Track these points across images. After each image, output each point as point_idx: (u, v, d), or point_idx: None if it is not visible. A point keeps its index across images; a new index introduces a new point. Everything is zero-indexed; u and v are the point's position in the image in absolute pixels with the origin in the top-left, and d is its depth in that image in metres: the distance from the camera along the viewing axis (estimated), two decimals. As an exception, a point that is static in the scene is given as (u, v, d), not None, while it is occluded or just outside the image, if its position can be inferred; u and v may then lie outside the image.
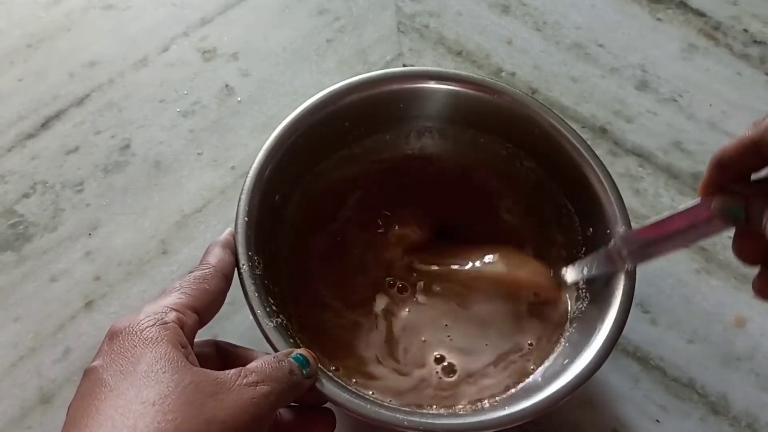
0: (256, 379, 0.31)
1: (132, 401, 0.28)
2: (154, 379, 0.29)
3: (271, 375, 0.31)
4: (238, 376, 0.30)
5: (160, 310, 0.32)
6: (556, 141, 0.44)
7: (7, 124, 0.53)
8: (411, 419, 0.35)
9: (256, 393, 0.30)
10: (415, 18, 0.61)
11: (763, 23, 0.62)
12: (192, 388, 0.29)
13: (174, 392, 0.28)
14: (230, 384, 0.30)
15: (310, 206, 0.46)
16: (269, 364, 0.32)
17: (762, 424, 0.44)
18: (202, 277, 0.35)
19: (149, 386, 0.28)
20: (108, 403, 0.28)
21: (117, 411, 0.27)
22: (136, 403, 0.28)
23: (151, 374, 0.29)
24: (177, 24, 0.59)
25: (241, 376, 0.31)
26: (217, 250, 0.37)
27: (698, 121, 0.57)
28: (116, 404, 0.28)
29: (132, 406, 0.28)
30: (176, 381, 0.29)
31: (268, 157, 0.42)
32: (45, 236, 0.49)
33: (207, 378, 0.30)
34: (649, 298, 0.48)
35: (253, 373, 0.31)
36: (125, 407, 0.28)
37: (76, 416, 0.28)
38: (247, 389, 0.30)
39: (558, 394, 0.36)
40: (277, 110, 0.55)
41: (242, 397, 0.30)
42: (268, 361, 0.32)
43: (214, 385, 0.29)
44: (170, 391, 0.28)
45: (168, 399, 0.28)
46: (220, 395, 0.29)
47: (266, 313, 0.37)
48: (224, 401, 0.29)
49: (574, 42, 0.60)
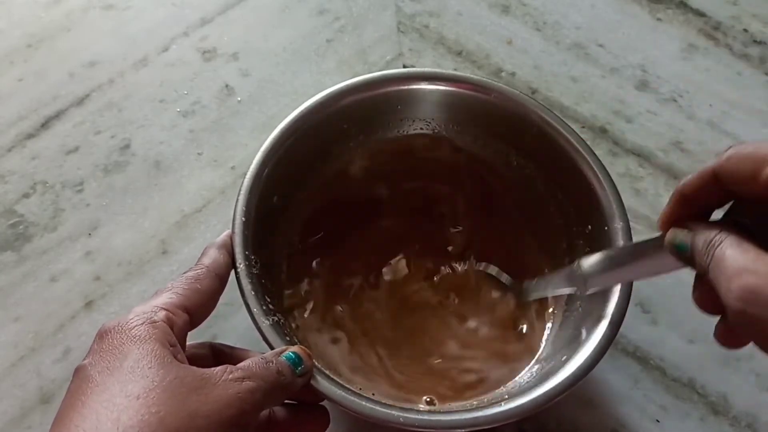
0: (241, 375, 0.31)
1: (116, 395, 0.28)
2: (140, 374, 0.29)
3: (257, 372, 0.31)
4: (224, 371, 0.31)
5: (150, 309, 0.32)
6: (554, 139, 0.44)
7: (7, 124, 0.53)
8: (407, 416, 0.35)
9: (241, 388, 0.30)
10: (415, 18, 0.61)
11: (763, 23, 0.62)
12: (177, 383, 0.29)
13: (159, 386, 0.28)
14: (215, 379, 0.30)
15: (309, 207, 0.46)
16: (256, 363, 0.32)
17: (762, 424, 0.44)
18: (194, 278, 0.35)
19: (134, 381, 0.28)
20: (93, 398, 0.28)
21: (102, 405, 0.28)
22: (120, 397, 0.28)
23: (137, 369, 0.29)
24: (177, 24, 0.59)
25: (227, 372, 0.31)
26: (213, 251, 0.37)
27: (698, 121, 0.57)
28: (101, 398, 0.28)
29: (116, 399, 0.28)
30: (161, 376, 0.29)
31: (266, 158, 0.42)
32: (45, 236, 0.49)
33: (192, 373, 0.30)
34: (649, 298, 0.48)
35: (239, 369, 0.31)
36: (109, 401, 0.28)
37: (63, 412, 0.29)
38: (233, 384, 0.30)
39: (554, 391, 0.36)
40: (277, 110, 0.55)
41: (227, 392, 0.30)
42: (255, 360, 0.32)
43: (199, 380, 0.30)
44: (155, 385, 0.28)
45: (152, 393, 0.28)
46: (205, 390, 0.29)
47: (263, 311, 0.37)
48: (209, 396, 0.29)
49: (574, 42, 0.60)
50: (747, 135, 0.56)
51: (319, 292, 0.45)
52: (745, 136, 0.56)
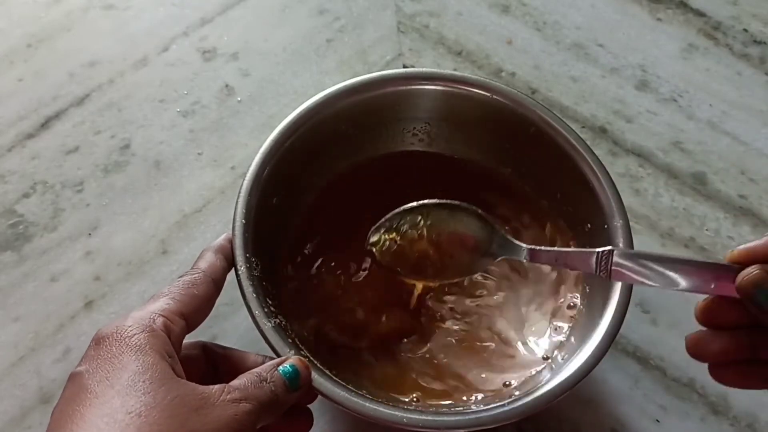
0: (239, 396, 0.31)
1: (117, 411, 0.28)
2: (141, 390, 0.29)
3: (253, 394, 0.32)
4: (222, 391, 0.31)
5: (148, 316, 0.32)
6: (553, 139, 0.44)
7: (7, 124, 0.53)
8: (410, 416, 0.35)
9: (239, 410, 0.30)
10: (415, 18, 0.61)
11: (763, 23, 0.62)
12: (177, 402, 0.29)
13: (159, 405, 0.29)
14: (214, 399, 0.30)
15: (309, 208, 0.46)
16: (252, 383, 0.32)
17: (762, 424, 0.44)
18: (191, 282, 0.35)
19: (135, 397, 0.28)
20: (93, 411, 0.28)
21: (102, 420, 0.28)
22: (121, 413, 0.28)
23: (138, 384, 0.29)
24: (177, 24, 0.59)
25: (225, 392, 0.31)
26: (209, 255, 0.37)
27: (698, 121, 0.57)
28: (101, 412, 0.28)
29: (117, 416, 0.28)
30: (162, 393, 0.29)
31: (265, 159, 0.42)
32: (45, 236, 0.49)
33: (192, 392, 0.30)
34: (649, 298, 0.48)
35: (237, 390, 0.31)
36: (110, 416, 0.28)
37: (60, 421, 0.28)
38: (231, 406, 0.30)
39: (554, 391, 0.36)
40: (277, 110, 0.55)
41: (225, 413, 0.30)
42: (252, 378, 0.32)
43: (199, 399, 0.30)
44: (156, 403, 0.28)
45: (153, 411, 0.28)
46: (204, 410, 0.29)
47: (264, 313, 0.37)
48: (208, 416, 0.29)
49: (574, 42, 0.60)
50: (747, 135, 0.56)
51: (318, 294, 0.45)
52: (745, 136, 0.56)
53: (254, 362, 0.36)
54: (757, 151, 0.55)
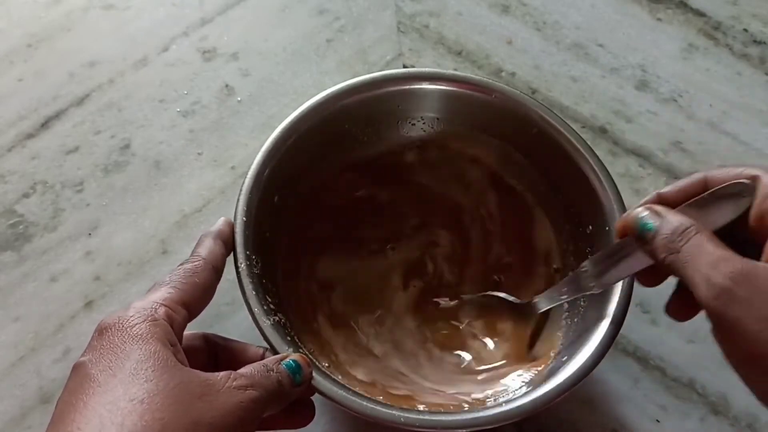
0: (245, 383, 0.31)
1: (120, 398, 0.28)
2: (143, 377, 0.29)
3: (260, 381, 0.31)
4: (228, 378, 0.30)
5: (150, 306, 0.32)
6: (554, 139, 0.44)
7: (7, 124, 0.53)
8: (408, 416, 0.35)
9: (244, 397, 0.30)
10: (415, 18, 0.61)
11: (763, 23, 0.62)
12: (181, 388, 0.29)
13: (162, 391, 0.28)
14: (219, 386, 0.30)
15: (309, 207, 0.46)
16: (258, 371, 0.32)
17: (762, 424, 0.44)
18: (192, 270, 0.35)
19: (138, 384, 0.28)
20: (96, 399, 0.28)
21: (105, 407, 0.28)
22: (124, 401, 0.28)
23: (141, 372, 0.29)
24: (177, 24, 0.59)
25: (231, 378, 0.31)
26: (209, 241, 0.37)
27: (698, 121, 0.57)
28: (104, 400, 0.28)
29: (120, 403, 0.28)
30: (165, 380, 0.29)
31: (266, 158, 0.42)
32: (45, 236, 0.49)
33: (196, 379, 0.30)
34: (649, 298, 0.48)
35: (243, 377, 0.31)
36: (113, 404, 0.28)
37: (64, 411, 0.28)
38: (236, 392, 0.30)
39: (555, 391, 0.36)
40: (277, 110, 0.55)
41: (231, 399, 0.30)
42: (257, 367, 0.32)
43: (203, 386, 0.29)
44: (159, 390, 0.28)
45: (156, 398, 0.28)
46: (209, 397, 0.29)
47: (264, 311, 0.37)
48: (212, 403, 0.29)
49: (574, 42, 0.60)
50: (747, 135, 0.56)
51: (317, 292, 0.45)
52: (745, 136, 0.56)
53: (255, 354, 0.36)
54: (757, 151, 0.55)
